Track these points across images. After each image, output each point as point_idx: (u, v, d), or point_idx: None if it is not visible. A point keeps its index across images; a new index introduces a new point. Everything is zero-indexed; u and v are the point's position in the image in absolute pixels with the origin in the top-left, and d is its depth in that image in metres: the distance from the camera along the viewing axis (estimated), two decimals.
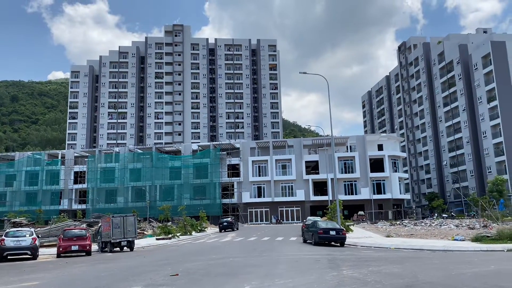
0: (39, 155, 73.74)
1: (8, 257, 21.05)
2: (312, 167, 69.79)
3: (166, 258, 19.14)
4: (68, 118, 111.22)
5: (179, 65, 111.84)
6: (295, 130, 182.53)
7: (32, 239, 21.56)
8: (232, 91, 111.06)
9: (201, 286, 10.36)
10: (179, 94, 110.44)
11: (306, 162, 67.69)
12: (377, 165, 66.81)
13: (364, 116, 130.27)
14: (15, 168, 70.57)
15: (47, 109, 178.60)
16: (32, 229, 24.28)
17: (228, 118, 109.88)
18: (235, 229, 46.28)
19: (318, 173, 66.93)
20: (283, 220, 65.11)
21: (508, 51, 71.29)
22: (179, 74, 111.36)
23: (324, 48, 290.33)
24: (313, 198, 65.49)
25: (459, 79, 79.52)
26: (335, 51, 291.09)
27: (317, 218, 35.73)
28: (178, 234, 37.14)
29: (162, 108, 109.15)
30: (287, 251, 20.80)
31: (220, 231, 45.17)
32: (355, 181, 66.00)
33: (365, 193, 65.07)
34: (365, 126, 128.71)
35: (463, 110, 78.59)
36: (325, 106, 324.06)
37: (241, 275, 12.17)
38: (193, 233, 41.32)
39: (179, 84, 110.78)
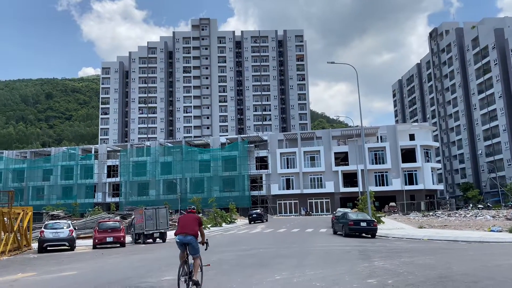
0: (73, 150, 76.11)
1: (48, 248, 21.92)
2: (342, 158, 69.04)
3: None
4: (100, 113, 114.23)
5: (206, 59, 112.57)
6: (323, 121, 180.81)
7: (69, 231, 22.40)
8: (259, 83, 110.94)
9: (232, 276, 10.50)
10: (207, 88, 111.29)
11: (335, 153, 67.00)
12: (408, 155, 65.39)
13: (395, 106, 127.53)
14: (51, 163, 73.17)
15: (80, 105, 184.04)
16: (69, 222, 25.20)
17: (256, 111, 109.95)
18: (265, 220, 46.48)
19: (347, 165, 66.20)
20: (312, 212, 64.88)
21: None
22: (206, 68, 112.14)
23: (352, 36, 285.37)
24: (343, 189, 64.85)
25: (495, 64, 76.45)
26: (364, 39, 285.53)
27: (347, 210, 35.43)
28: (208, 226, 37.67)
29: (191, 102, 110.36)
30: (317, 242, 20.75)
31: (250, 222, 45.47)
32: (386, 172, 64.85)
33: (396, 184, 63.86)
34: (396, 116, 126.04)
35: (499, 97, 75.61)
36: (354, 95, 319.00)
37: (272, 265, 12.25)
38: (223, 224, 41.79)
39: (207, 78, 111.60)
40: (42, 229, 22.65)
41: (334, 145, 67.97)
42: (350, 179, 66.47)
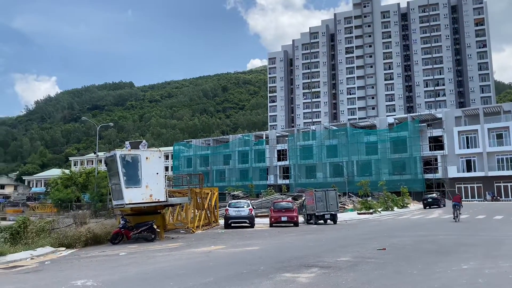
0: (247, 137, 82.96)
1: (232, 224, 24.55)
2: None
3: (370, 232, 19.16)
4: (268, 102, 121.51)
5: (369, 36, 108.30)
6: None
7: (249, 210, 24.64)
8: (429, 56, 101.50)
9: (410, 262, 10.01)
10: (371, 67, 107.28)
11: None
12: None
13: None
14: (230, 149, 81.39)
15: (250, 96, 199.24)
16: (249, 201, 27.70)
17: (426, 86, 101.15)
18: (442, 206, 42.90)
19: None
20: (500, 197, 56.85)
21: None
22: (370, 46, 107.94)
23: None
24: None
25: None
26: None
27: None
28: (379, 209, 36.69)
29: (354, 83, 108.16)
30: (509, 230, 18.15)
31: (425, 207, 42.59)
32: None
33: None
34: None
35: None
36: None
37: (455, 254, 11.25)
38: (395, 208, 40.16)
39: (370, 57, 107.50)
40: (227, 207, 25.48)
41: None
42: None
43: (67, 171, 53.66)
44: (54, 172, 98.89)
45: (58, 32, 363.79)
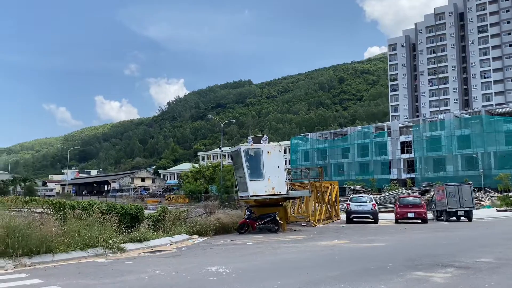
0: (367, 128, 80.00)
1: (354, 219, 24.00)
2: None
3: None
4: (389, 91, 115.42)
5: (507, 11, 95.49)
6: None
7: (372, 205, 23.79)
8: None
9: None
10: (510, 46, 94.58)
11: None
12: None
13: None
14: (348, 141, 79.41)
15: (369, 86, 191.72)
16: (371, 196, 26.77)
17: None
18: None
19: None
20: None
21: None
22: (508, 22, 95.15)
23: None
24: None
25: None
26: None
27: None
28: None
29: (489, 66, 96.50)
30: None
31: None
32: None
33: None
34: None
35: None
36: None
37: None
38: None
39: (509, 34, 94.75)
40: (348, 202, 24.99)
41: None
42: None
43: (196, 165, 58.34)
44: (185, 166, 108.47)
45: (184, 37, 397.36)
